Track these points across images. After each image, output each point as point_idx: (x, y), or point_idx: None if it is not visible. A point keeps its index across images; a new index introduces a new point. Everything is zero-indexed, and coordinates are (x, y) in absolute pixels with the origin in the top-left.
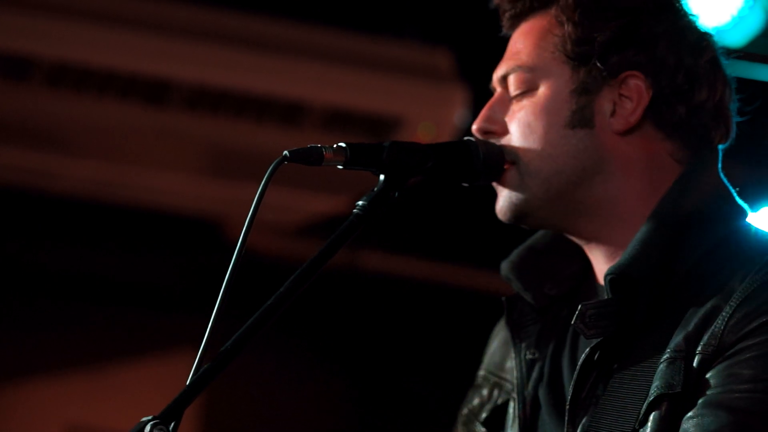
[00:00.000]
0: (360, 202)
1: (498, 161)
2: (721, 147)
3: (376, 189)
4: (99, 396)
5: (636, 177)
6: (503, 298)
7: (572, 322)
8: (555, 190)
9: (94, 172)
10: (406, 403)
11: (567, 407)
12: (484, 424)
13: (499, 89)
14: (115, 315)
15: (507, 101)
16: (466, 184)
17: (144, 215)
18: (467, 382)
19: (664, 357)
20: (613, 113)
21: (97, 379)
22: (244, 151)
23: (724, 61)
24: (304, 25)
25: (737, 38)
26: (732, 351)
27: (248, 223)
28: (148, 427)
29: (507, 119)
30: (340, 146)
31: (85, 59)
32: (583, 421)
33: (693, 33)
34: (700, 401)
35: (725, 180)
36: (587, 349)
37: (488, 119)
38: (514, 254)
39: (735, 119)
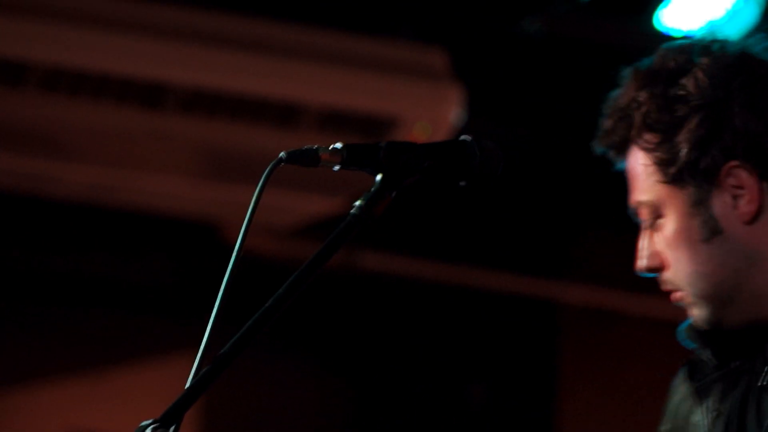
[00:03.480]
0: (357, 203)
1: (495, 160)
2: None
3: (372, 189)
4: (99, 400)
5: None
6: (686, 361)
7: (760, 383)
8: (726, 300)
9: (91, 176)
10: (406, 403)
11: None
12: None
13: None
14: (113, 319)
15: (650, 234)
16: (463, 184)
17: (141, 219)
18: (466, 381)
19: None
20: (734, 208)
21: (96, 383)
22: (240, 152)
23: None
24: (297, 25)
25: (731, 32)
26: None
27: (246, 225)
28: (148, 431)
29: (662, 251)
30: (336, 147)
31: (79, 63)
32: None
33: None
34: None
35: None
36: None
37: (649, 260)
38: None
39: None
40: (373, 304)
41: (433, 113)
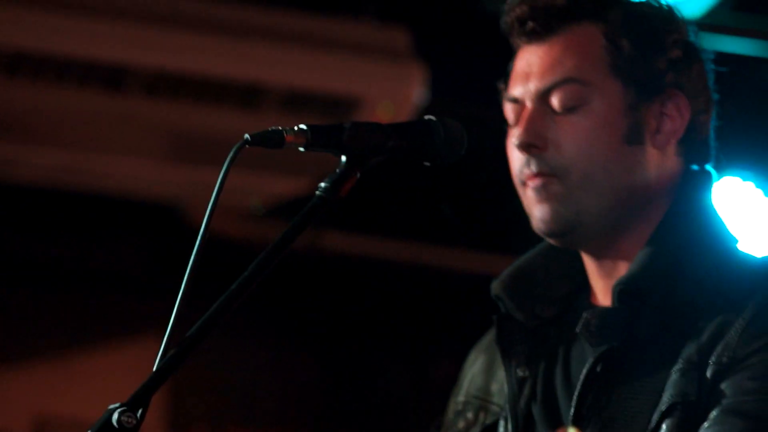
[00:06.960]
0: (322, 184)
1: (459, 140)
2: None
3: (338, 170)
4: (65, 385)
5: (662, 192)
6: (494, 317)
7: (577, 330)
8: (607, 206)
9: (55, 160)
10: (373, 380)
11: (571, 419)
12: None
13: (532, 105)
14: (78, 302)
15: (547, 116)
16: (427, 164)
17: (106, 201)
18: (432, 358)
19: (677, 367)
20: (657, 130)
21: (62, 367)
22: (204, 134)
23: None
24: (259, 6)
25: (695, 9)
26: (745, 363)
27: (211, 207)
28: (116, 415)
29: (552, 134)
30: (301, 128)
31: (41, 47)
32: None
33: (708, 64)
34: (715, 411)
35: (712, 205)
36: (590, 360)
37: (533, 134)
38: (505, 274)
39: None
40: (339, 285)
41: (396, 93)
